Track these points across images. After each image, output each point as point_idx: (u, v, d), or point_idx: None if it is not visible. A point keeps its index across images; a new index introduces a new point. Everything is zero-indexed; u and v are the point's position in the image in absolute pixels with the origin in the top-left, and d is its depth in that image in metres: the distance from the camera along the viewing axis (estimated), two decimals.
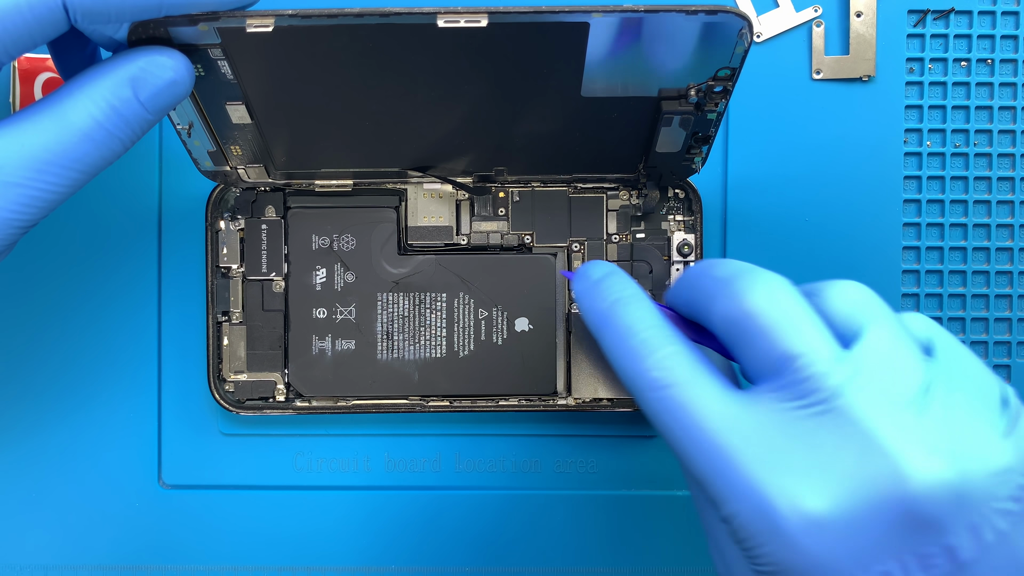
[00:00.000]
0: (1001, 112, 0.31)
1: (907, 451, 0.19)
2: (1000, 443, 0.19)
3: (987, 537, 0.19)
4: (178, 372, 0.31)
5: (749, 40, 0.22)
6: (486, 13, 0.21)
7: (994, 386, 0.21)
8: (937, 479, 0.19)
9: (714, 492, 0.20)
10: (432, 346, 0.30)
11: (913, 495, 0.19)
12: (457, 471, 0.31)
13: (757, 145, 0.31)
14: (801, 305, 0.21)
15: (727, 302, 0.21)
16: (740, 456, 0.20)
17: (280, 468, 0.31)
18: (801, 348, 0.20)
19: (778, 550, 0.20)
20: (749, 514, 0.20)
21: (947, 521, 0.19)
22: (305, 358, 0.30)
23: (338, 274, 0.30)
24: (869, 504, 0.19)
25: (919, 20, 0.31)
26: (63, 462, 0.31)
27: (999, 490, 0.19)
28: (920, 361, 0.20)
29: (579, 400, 0.30)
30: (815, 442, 0.20)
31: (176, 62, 0.21)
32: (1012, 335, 0.31)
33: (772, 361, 0.20)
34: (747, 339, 0.21)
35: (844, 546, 0.19)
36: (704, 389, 0.21)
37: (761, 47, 0.31)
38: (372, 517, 0.31)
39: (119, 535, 0.31)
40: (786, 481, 0.20)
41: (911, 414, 0.19)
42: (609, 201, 0.30)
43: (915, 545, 0.19)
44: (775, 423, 0.20)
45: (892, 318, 0.21)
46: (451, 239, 0.30)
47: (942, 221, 0.31)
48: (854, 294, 0.21)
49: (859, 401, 0.20)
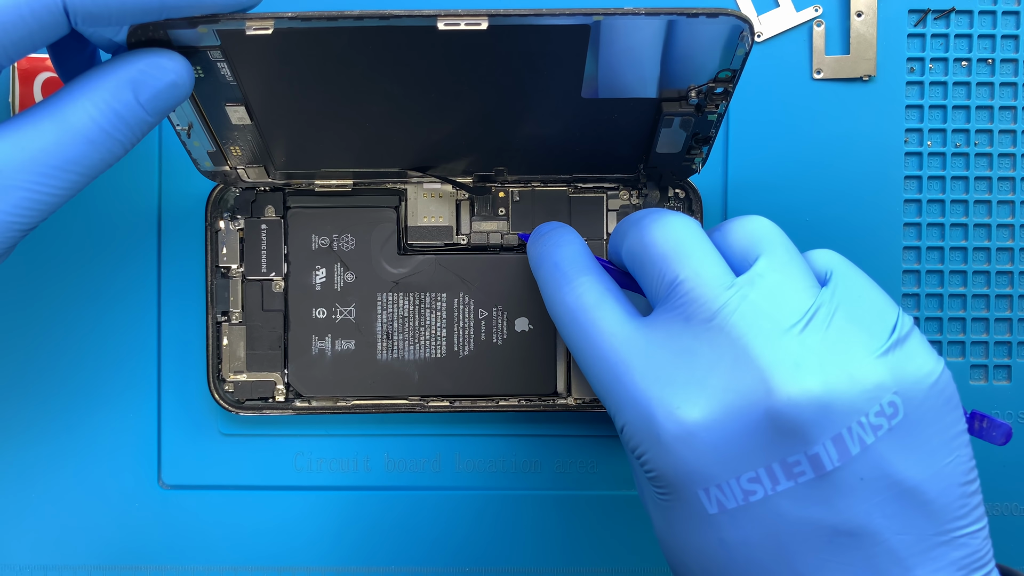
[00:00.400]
0: (1002, 112, 0.31)
1: (776, 366, 0.20)
2: (873, 362, 0.21)
3: (851, 449, 0.20)
4: (178, 372, 0.31)
5: (750, 43, 0.22)
6: (486, 16, 0.21)
7: (888, 313, 0.22)
8: (801, 391, 0.20)
9: (610, 405, 0.23)
10: (432, 346, 0.30)
11: (778, 406, 0.20)
12: (457, 471, 0.31)
13: (757, 145, 0.31)
14: (696, 236, 0.23)
15: (632, 237, 0.24)
16: (630, 370, 0.22)
17: (280, 468, 0.31)
18: (688, 273, 0.22)
19: (657, 456, 0.21)
20: (635, 423, 0.22)
21: (811, 432, 0.20)
22: (305, 358, 0.30)
23: (338, 274, 0.30)
24: (738, 415, 0.21)
25: (920, 20, 0.31)
26: (63, 462, 0.31)
27: (867, 405, 0.20)
28: (809, 288, 0.22)
29: (579, 400, 0.30)
30: (695, 358, 0.21)
31: (176, 64, 0.21)
32: (1013, 335, 0.31)
33: (664, 286, 0.22)
34: (645, 267, 0.23)
35: (715, 454, 0.21)
36: (607, 312, 0.23)
37: (761, 47, 0.31)
38: (372, 517, 0.31)
39: (119, 535, 0.31)
40: (666, 393, 0.21)
41: (790, 335, 0.21)
42: (609, 201, 0.30)
43: (781, 454, 0.20)
44: (663, 341, 0.22)
45: (785, 248, 0.23)
46: (451, 239, 0.30)
47: (943, 221, 0.31)
48: (752, 226, 0.23)
49: (739, 320, 0.21)
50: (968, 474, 0.21)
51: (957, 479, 0.21)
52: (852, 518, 0.20)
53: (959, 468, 0.21)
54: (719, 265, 0.22)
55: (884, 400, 0.20)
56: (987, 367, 0.31)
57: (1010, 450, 0.31)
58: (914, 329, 0.22)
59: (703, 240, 0.23)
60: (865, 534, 0.21)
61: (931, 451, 0.21)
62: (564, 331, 0.24)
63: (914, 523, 0.21)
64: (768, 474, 0.21)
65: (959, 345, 0.31)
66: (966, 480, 0.21)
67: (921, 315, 0.31)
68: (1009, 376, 0.31)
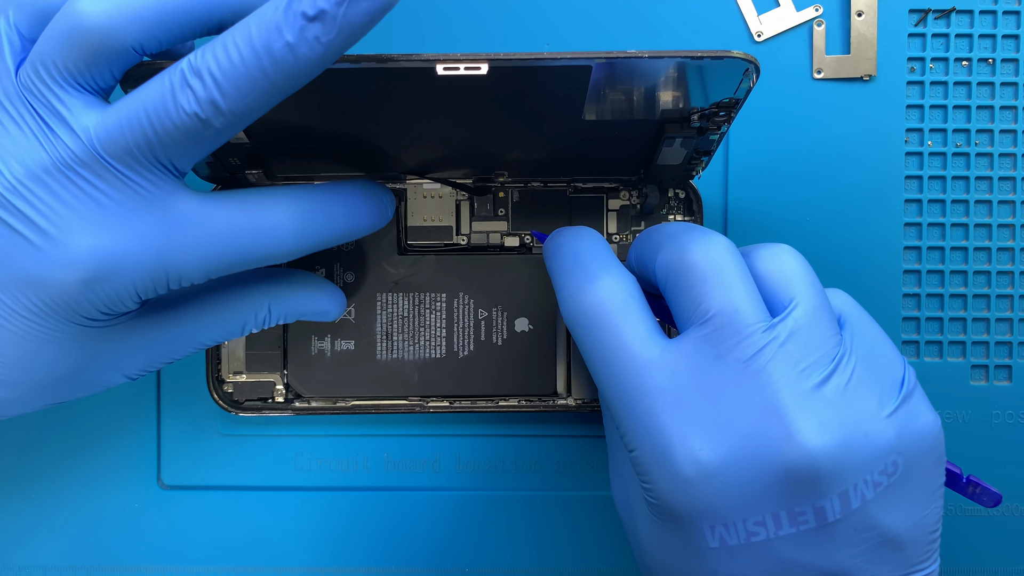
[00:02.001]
0: (1002, 112, 0.31)
1: (802, 420, 0.21)
2: (885, 421, 0.21)
3: (854, 503, 0.21)
4: (177, 373, 0.31)
5: (755, 79, 0.22)
6: (486, 60, 0.20)
7: (897, 366, 0.22)
8: (821, 449, 0.20)
9: (623, 426, 0.22)
10: (432, 346, 0.30)
11: (798, 461, 0.20)
12: (457, 471, 0.31)
13: (758, 145, 0.31)
14: (738, 264, 0.22)
15: (669, 252, 0.23)
16: (652, 398, 0.21)
17: (279, 468, 0.31)
18: (731, 304, 0.21)
19: (670, 490, 0.21)
20: (650, 453, 0.21)
21: (822, 486, 0.21)
22: (304, 358, 0.30)
23: (338, 274, 0.30)
24: (758, 463, 0.21)
25: (920, 19, 0.31)
26: (63, 462, 0.31)
27: (874, 464, 0.21)
28: (834, 336, 0.22)
29: (579, 400, 0.30)
30: (723, 396, 0.21)
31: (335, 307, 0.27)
32: (1013, 335, 0.31)
33: (701, 311, 0.22)
34: (682, 287, 0.22)
35: (728, 496, 0.21)
36: (633, 325, 0.22)
37: (762, 46, 0.31)
38: (372, 518, 0.31)
39: (119, 535, 0.31)
40: (688, 429, 0.21)
41: (814, 385, 0.21)
42: (609, 201, 0.30)
43: (790, 503, 0.21)
44: (690, 371, 0.21)
45: (817, 292, 0.22)
46: (451, 239, 0.30)
47: (943, 221, 0.31)
48: (788, 261, 0.23)
49: (773, 367, 0.21)
50: (938, 522, 0.22)
51: (929, 527, 0.22)
52: (838, 561, 0.21)
53: (933, 517, 0.22)
54: (756, 301, 0.22)
55: (889, 459, 0.21)
56: (988, 367, 0.31)
57: (1010, 450, 0.31)
58: (917, 383, 0.23)
59: (743, 269, 0.22)
60: (844, 573, 0.21)
61: (915, 504, 0.22)
62: (579, 335, 0.23)
63: (885, 565, 0.22)
64: (774, 519, 0.21)
65: (960, 345, 0.31)
66: (935, 528, 0.22)
67: (922, 315, 0.31)
68: (1010, 376, 0.31)
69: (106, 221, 0.21)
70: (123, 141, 0.20)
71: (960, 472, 0.24)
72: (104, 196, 0.21)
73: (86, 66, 0.20)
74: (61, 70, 0.20)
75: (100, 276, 0.21)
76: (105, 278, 0.21)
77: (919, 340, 0.31)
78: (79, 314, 0.22)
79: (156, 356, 0.24)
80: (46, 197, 0.21)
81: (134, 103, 0.20)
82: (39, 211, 0.21)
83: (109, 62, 0.21)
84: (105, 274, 0.21)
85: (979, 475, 0.31)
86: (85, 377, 0.24)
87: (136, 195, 0.21)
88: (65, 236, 0.21)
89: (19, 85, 0.21)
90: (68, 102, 0.21)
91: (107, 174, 0.21)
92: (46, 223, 0.21)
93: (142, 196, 0.21)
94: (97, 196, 0.21)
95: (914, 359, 0.31)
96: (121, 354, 0.24)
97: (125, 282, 0.21)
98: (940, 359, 0.31)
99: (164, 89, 0.20)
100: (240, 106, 0.20)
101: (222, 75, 0.20)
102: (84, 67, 0.20)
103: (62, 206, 0.21)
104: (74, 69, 0.20)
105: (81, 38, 0.20)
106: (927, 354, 0.31)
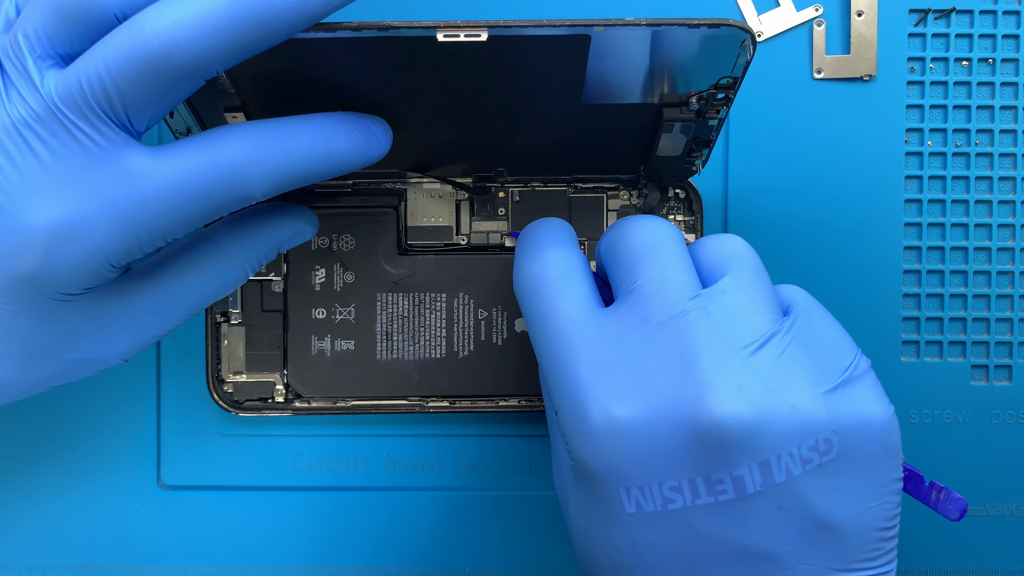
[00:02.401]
0: (1002, 112, 0.31)
1: (717, 383, 0.21)
2: (817, 396, 0.21)
3: (777, 477, 0.20)
4: (177, 373, 0.31)
5: (751, 52, 0.22)
6: (486, 27, 0.21)
7: (846, 352, 0.22)
8: (731, 412, 0.20)
9: (551, 388, 0.23)
10: (432, 346, 0.30)
11: (707, 422, 0.20)
12: (457, 471, 0.31)
13: (758, 145, 0.31)
14: (673, 242, 0.23)
15: (612, 232, 0.24)
16: (576, 358, 0.22)
17: (279, 469, 0.31)
18: (655, 274, 0.22)
19: (585, 448, 0.21)
20: (569, 411, 0.22)
21: (737, 452, 0.20)
22: (304, 359, 0.30)
23: (337, 274, 0.30)
24: (669, 422, 0.21)
25: (920, 19, 0.31)
26: (63, 462, 0.31)
27: (801, 439, 0.21)
28: (769, 314, 0.22)
29: None
30: (642, 359, 0.21)
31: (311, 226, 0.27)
32: (1014, 335, 0.31)
33: (631, 280, 0.22)
34: (616, 261, 0.23)
35: (641, 456, 0.21)
36: (569, 291, 0.23)
37: (762, 46, 0.31)
38: (372, 518, 0.31)
39: (119, 535, 0.31)
40: (605, 387, 0.21)
41: (739, 356, 0.21)
42: (609, 201, 0.30)
43: (706, 469, 0.21)
44: (616, 334, 0.22)
45: (755, 271, 0.23)
46: (451, 239, 0.30)
47: (943, 221, 0.31)
48: (727, 244, 0.23)
49: (693, 331, 0.21)
50: (889, 521, 0.22)
51: (875, 524, 0.21)
52: (763, 541, 0.21)
53: (881, 515, 0.21)
54: (688, 274, 0.22)
55: (821, 436, 0.21)
56: (988, 367, 0.31)
57: (1010, 450, 0.31)
58: (870, 373, 0.22)
59: (679, 247, 0.23)
60: (772, 558, 0.21)
61: (856, 493, 0.21)
62: (523, 302, 0.24)
63: (822, 555, 0.21)
64: (690, 486, 0.21)
65: (960, 345, 0.31)
66: (885, 527, 0.22)
67: (922, 315, 0.31)
68: (1010, 376, 0.31)
69: (58, 182, 0.20)
70: (79, 91, 0.20)
71: (921, 475, 0.23)
72: (55, 156, 0.20)
73: (66, 33, 0.20)
74: (40, 36, 0.20)
75: (59, 240, 0.20)
76: (65, 242, 0.20)
77: (919, 340, 0.31)
78: (54, 288, 0.21)
79: (144, 328, 0.24)
80: (2, 160, 0.20)
81: (94, 52, 0.20)
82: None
83: (89, 30, 0.20)
84: (64, 237, 0.20)
85: (978, 475, 0.31)
86: (72, 353, 0.23)
87: (87, 152, 0.20)
88: (19, 202, 0.20)
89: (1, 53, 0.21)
90: (40, 66, 0.20)
91: (61, 130, 0.20)
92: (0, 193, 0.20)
93: (93, 154, 0.20)
94: (48, 156, 0.20)
95: (914, 359, 0.31)
96: (106, 328, 0.23)
97: (89, 247, 0.21)
98: (940, 359, 0.31)
99: (124, 33, 0.20)
100: (203, 49, 0.19)
101: (191, 14, 0.19)
102: (64, 34, 0.20)
103: (15, 170, 0.20)
104: (54, 36, 0.20)
105: (63, 4, 0.20)
106: (927, 354, 0.31)
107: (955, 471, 0.31)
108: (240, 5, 0.19)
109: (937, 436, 0.31)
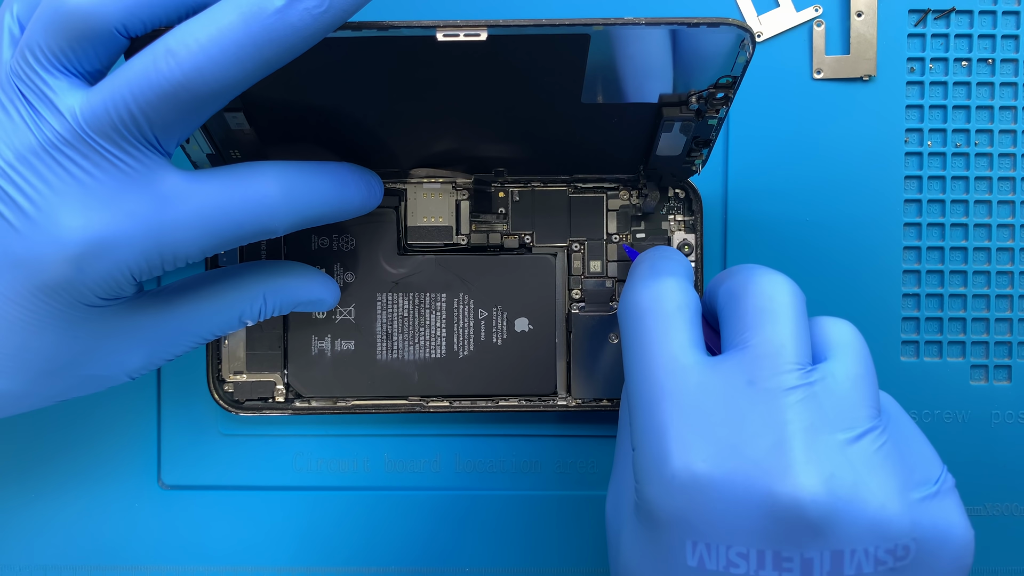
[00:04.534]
0: (1002, 112, 0.31)
1: (808, 464, 0.20)
2: (904, 501, 0.21)
3: (847, 570, 0.20)
4: (178, 372, 0.31)
5: (751, 51, 0.22)
6: (485, 26, 0.21)
7: (935, 464, 0.22)
8: (817, 496, 0.20)
9: (636, 422, 0.22)
10: (432, 346, 0.30)
11: (789, 499, 0.20)
12: (457, 472, 0.31)
13: (757, 145, 0.31)
14: (796, 307, 0.22)
15: (736, 279, 0.23)
16: (671, 400, 0.21)
17: (279, 468, 0.31)
18: (777, 338, 0.22)
19: (659, 493, 0.21)
20: (649, 451, 0.21)
21: (811, 536, 0.20)
22: (304, 358, 0.30)
23: (338, 274, 0.30)
24: (750, 489, 0.20)
25: (920, 20, 0.31)
26: (63, 462, 0.31)
27: (880, 539, 0.20)
28: (870, 409, 0.21)
29: (579, 400, 0.30)
30: (742, 420, 0.21)
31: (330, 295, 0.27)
32: (1013, 335, 0.31)
33: (747, 336, 0.22)
34: (737, 311, 0.22)
35: (715, 516, 0.20)
36: (677, 329, 0.22)
37: (761, 47, 0.31)
38: (371, 518, 0.31)
39: (119, 535, 0.31)
40: (693, 438, 0.21)
41: (836, 443, 0.21)
42: (609, 201, 0.30)
43: (777, 544, 0.20)
44: (718, 389, 0.21)
45: (865, 363, 0.22)
46: (451, 239, 0.30)
47: (943, 221, 0.31)
48: (847, 330, 0.23)
49: (798, 406, 0.21)
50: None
51: None
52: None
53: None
54: (804, 347, 0.22)
55: (900, 541, 0.20)
56: (987, 367, 0.31)
57: (1010, 450, 0.31)
58: (955, 491, 0.22)
59: (801, 314, 0.22)
60: None
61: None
62: (625, 327, 0.23)
63: None
64: (758, 556, 0.21)
65: (959, 345, 0.31)
66: None
67: (922, 315, 0.31)
68: (1010, 376, 0.31)
69: (93, 200, 0.21)
70: (107, 118, 0.20)
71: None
72: (89, 176, 0.21)
73: (71, 49, 0.20)
74: (47, 54, 0.20)
75: (90, 255, 0.21)
76: (95, 257, 0.21)
77: (919, 340, 0.31)
78: (75, 299, 0.22)
79: (156, 350, 0.24)
80: (33, 179, 0.21)
81: (118, 79, 0.20)
82: (25, 194, 0.21)
83: (94, 44, 0.21)
84: (95, 252, 0.21)
85: (978, 475, 0.31)
86: (86, 370, 0.24)
87: (122, 173, 0.21)
88: (53, 216, 0.21)
89: (10, 72, 0.21)
90: (54, 84, 0.21)
91: (93, 153, 0.21)
92: (31, 206, 0.21)
93: (128, 174, 0.21)
94: (83, 175, 0.21)
95: (914, 359, 0.31)
96: (121, 346, 0.24)
97: (117, 261, 0.21)
98: (940, 359, 0.31)
99: (147, 61, 0.20)
100: (225, 73, 0.20)
101: (208, 40, 0.20)
102: (69, 50, 0.21)
103: (48, 187, 0.21)
104: (59, 52, 0.21)
105: (64, 21, 0.20)
106: (927, 354, 0.31)
107: (955, 471, 0.30)
108: (256, 28, 0.20)
109: (937, 436, 0.31)
